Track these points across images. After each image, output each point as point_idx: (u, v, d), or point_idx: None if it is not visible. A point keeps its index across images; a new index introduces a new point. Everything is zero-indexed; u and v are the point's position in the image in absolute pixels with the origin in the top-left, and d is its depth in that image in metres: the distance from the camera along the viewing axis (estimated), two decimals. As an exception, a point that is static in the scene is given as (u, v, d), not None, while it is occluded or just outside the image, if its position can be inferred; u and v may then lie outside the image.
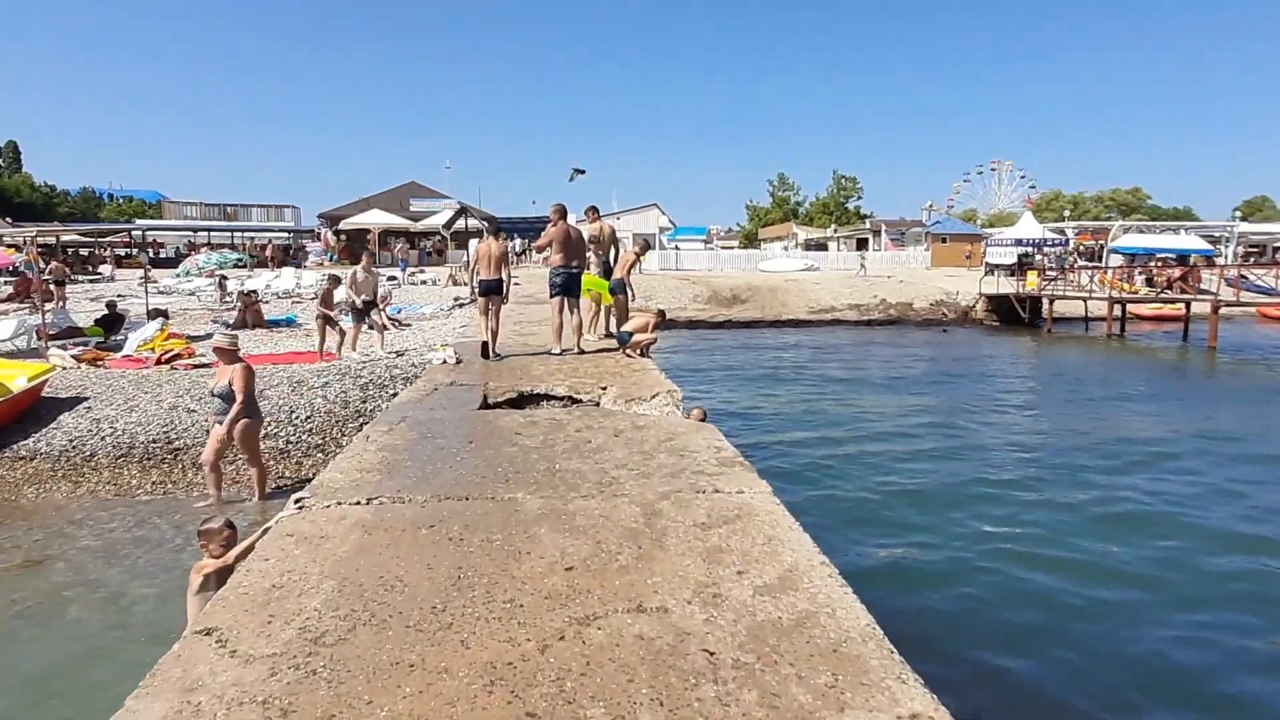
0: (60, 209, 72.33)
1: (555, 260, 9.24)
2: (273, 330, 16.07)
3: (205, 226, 51.16)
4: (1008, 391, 17.15)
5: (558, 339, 9.32)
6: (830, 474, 10.47)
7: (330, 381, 9.71)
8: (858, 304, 34.57)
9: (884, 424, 13.57)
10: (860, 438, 12.54)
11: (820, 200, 79.81)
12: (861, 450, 11.70)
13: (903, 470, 10.62)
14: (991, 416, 14.43)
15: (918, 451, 11.65)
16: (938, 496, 9.50)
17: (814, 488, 9.79)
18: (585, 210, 11.38)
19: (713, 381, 17.99)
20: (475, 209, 45.29)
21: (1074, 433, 12.98)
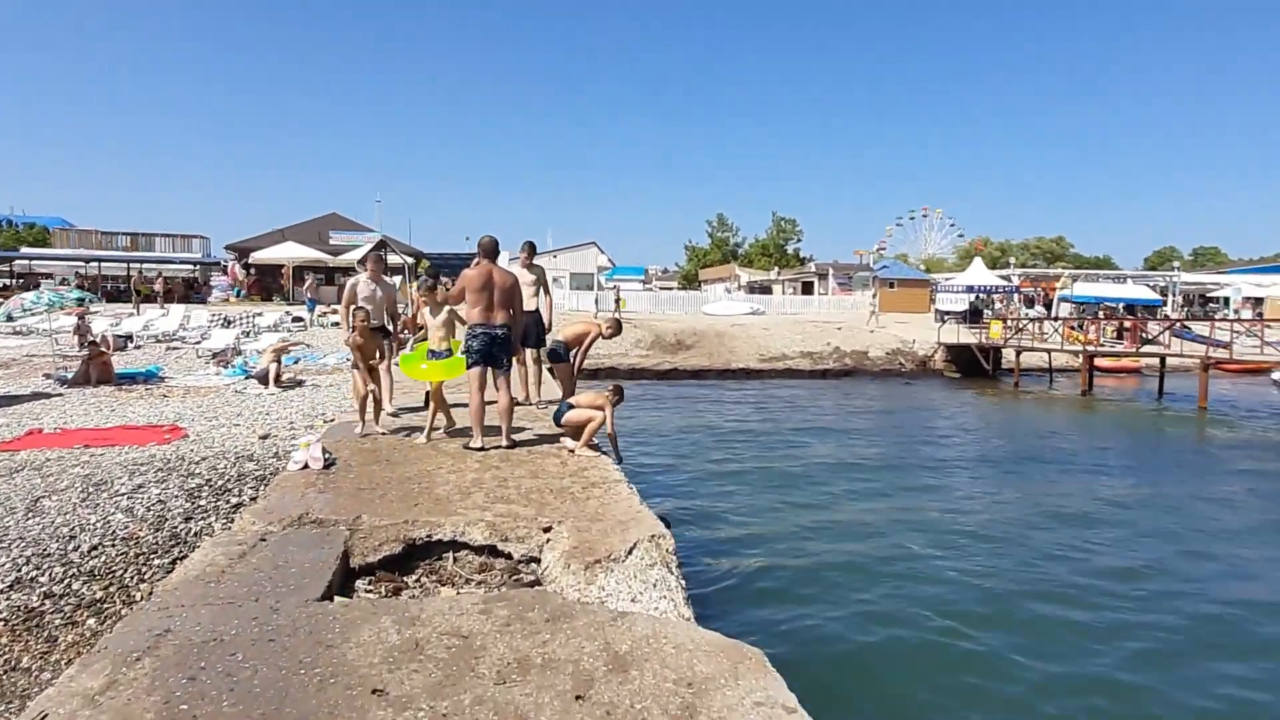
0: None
1: (473, 315, 6.64)
2: (122, 388, 12.77)
3: (97, 257, 46.44)
4: (1002, 460, 14.95)
5: (478, 427, 6.56)
6: (826, 577, 7.92)
7: (147, 483, 6.68)
8: (810, 352, 32.59)
9: (866, 505, 11.15)
10: (847, 528, 10.06)
11: (760, 242, 78.96)
12: (855, 553, 9.20)
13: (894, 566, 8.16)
14: (988, 493, 12.15)
15: (909, 551, 9.20)
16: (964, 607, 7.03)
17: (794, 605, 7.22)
18: (521, 247, 8.78)
19: (671, 452, 15.34)
20: (398, 243, 42.14)
21: (1103, 518, 10.75)
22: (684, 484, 12.63)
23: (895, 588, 8.31)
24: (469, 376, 6.66)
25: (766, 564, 8.95)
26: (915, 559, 9.20)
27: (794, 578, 8.57)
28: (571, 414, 6.54)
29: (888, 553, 9.41)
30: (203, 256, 49.60)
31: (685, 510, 10.96)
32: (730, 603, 7.76)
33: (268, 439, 8.09)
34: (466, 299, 6.62)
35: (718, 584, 8.26)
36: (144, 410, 10.57)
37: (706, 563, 8.80)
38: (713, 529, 10.23)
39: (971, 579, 8.56)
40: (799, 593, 8.14)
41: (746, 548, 9.48)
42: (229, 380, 13.82)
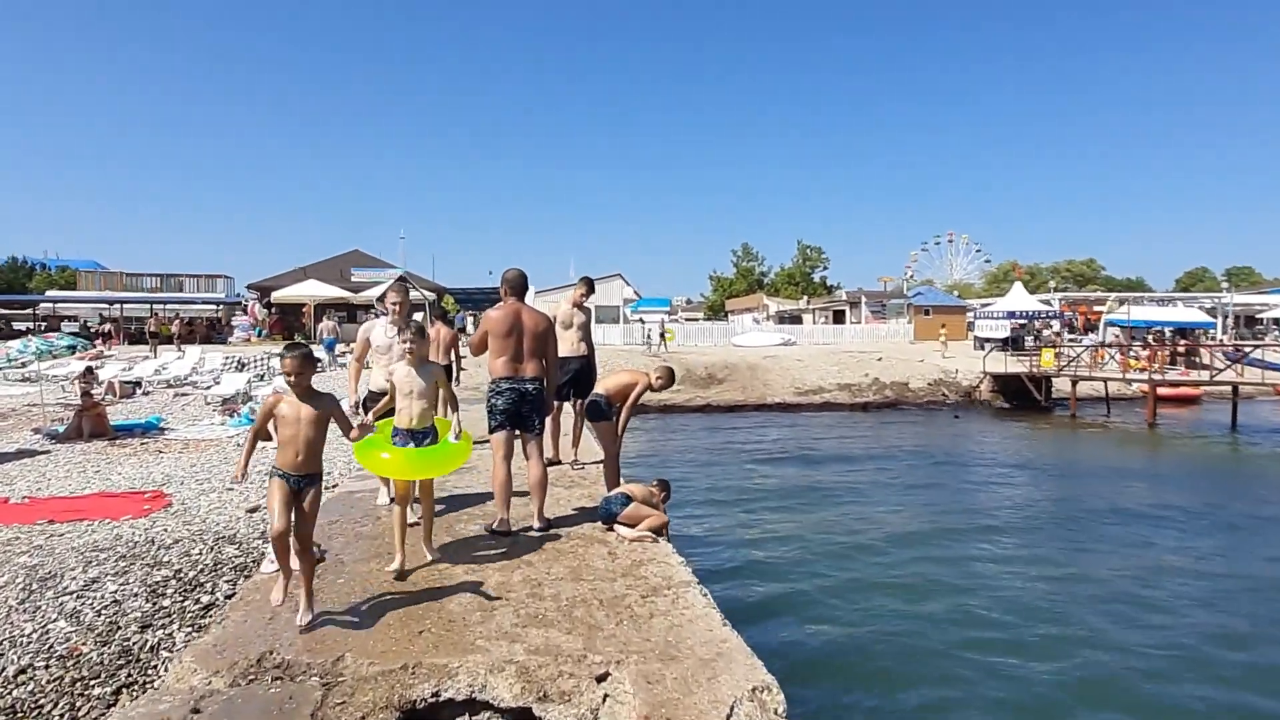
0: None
1: (497, 367, 5.40)
2: (116, 443, 11.68)
3: (120, 299, 46.14)
4: (1085, 511, 13.39)
5: (504, 506, 5.29)
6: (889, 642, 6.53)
7: (104, 576, 5.47)
8: (849, 384, 31.13)
9: (936, 570, 9.71)
10: (920, 598, 8.64)
11: (786, 270, 77.68)
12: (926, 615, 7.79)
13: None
14: (1077, 550, 10.66)
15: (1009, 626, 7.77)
16: None
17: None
18: (578, 283, 7.56)
19: (708, 498, 13.99)
20: (419, 279, 41.41)
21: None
22: (727, 538, 11.28)
23: (977, 683, 6.89)
24: (492, 443, 5.40)
25: (838, 637, 7.58)
26: (1007, 643, 7.77)
27: (869, 656, 7.18)
28: (629, 511, 5.24)
29: (975, 633, 7.99)
30: (226, 296, 49.31)
31: (737, 571, 9.60)
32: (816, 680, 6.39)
33: (256, 512, 6.88)
34: (490, 346, 5.39)
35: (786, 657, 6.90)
36: (132, 471, 9.43)
37: (773, 632, 7.44)
38: (768, 593, 8.86)
39: (1071, 671, 7.12)
40: (882, 674, 6.76)
41: (816, 620, 8.10)
42: (234, 430, 12.72)
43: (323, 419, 3.99)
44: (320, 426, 3.99)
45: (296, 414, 3.90)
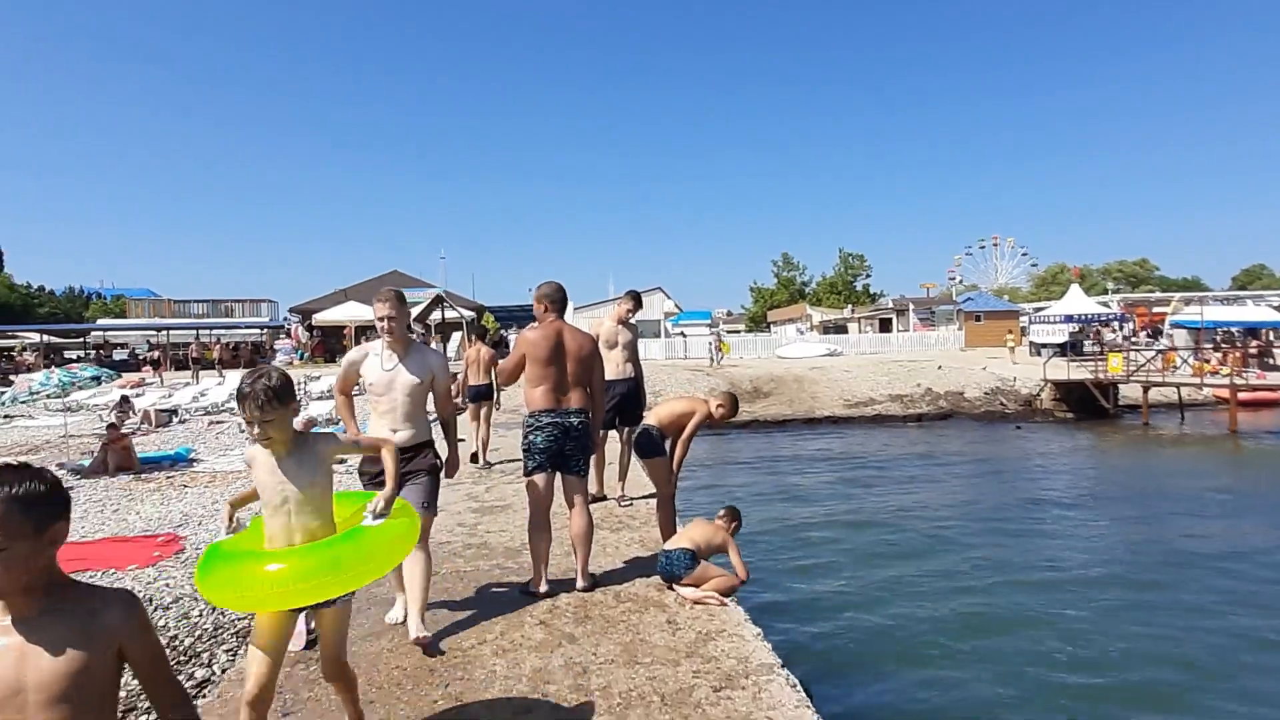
0: (40, 309, 69.35)
1: (535, 398, 4.58)
2: (142, 477, 11.21)
3: (166, 325, 46.75)
4: (1197, 545, 12.21)
5: (542, 561, 4.52)
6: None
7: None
8: (900, 395, 29.90)
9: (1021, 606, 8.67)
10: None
11: (827, 279, 76.27)
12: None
13: None
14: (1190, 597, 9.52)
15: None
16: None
17: None
18: (623, 297, 6.80)
19: (758, 518, 13.07)
20: (459, 298, 41.15)
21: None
22: (778, 561, 10.35)
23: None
24: (529, 486, 4.60)
25: (899, 673, 6.63)
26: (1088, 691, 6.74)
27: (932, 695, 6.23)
28: (696, 574, 4.40)
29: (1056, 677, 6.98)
30: (270, 320, 49.68)
31: (799, 603, 8.68)
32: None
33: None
34: (527, 373, 4.58)
35: None
36: (151, 510, 8.89)
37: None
38: (823, 629, 7.93)
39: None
40: None
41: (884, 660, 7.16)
42: (264, 461, 12.18)
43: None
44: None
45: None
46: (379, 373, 4.00)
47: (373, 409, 4.08)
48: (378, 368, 4.02)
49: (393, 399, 3.97)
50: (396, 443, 3.41)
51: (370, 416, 4.15)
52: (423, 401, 4.07)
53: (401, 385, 3.95)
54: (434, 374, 4.05)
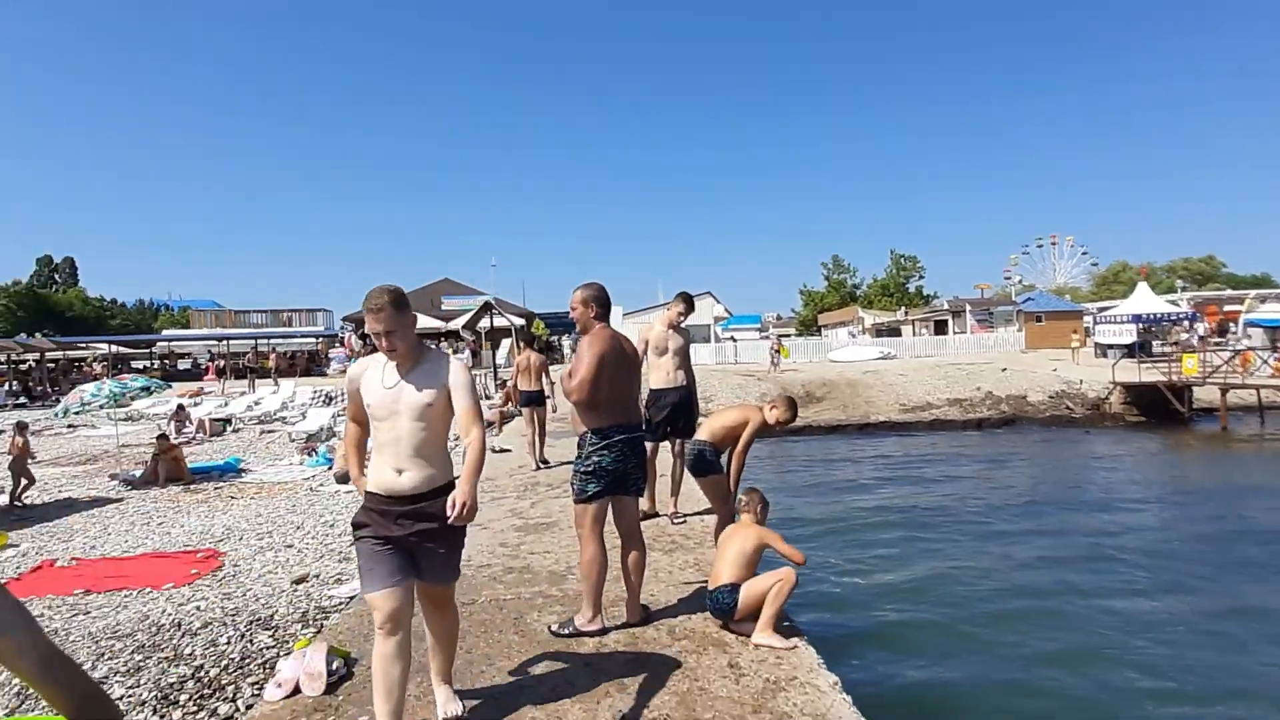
0: (112, 322, 71.79)
1: (604, 413, 4.02)
2: (191, 487, 11.17)
3: (226, 335, 47.84)
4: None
5: (595, 600, 4.04)
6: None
7: (113, 675, 4.54)
8: (959, 399, 28.90)
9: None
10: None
11: (879, 281, 74.74)
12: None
13: None
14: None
15: None
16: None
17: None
18: (674, 300, 6.37)
19: (814, 531, 12.51)
20: (509, 304, 41.19)
21: None
22: (837, 578, 9.81)
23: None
24: (586, 513, 3.99)
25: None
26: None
27: None
28: (746, 601, 3.95)
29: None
30: (325, 329, 50.43)
31: (853, 626, 8.14)
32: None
33: (303, 584, 5.94)
34: (579, 384, 3.92)
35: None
36: (195, 523, 8.77)
37: None
38: (888, 656, 7.38)
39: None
40: None
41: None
42: (311, 471, 12.12)
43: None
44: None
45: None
46: (379, 391, 2.99)
47: (373, 440, 3.06)
48: (377, 384, 3.00)
49: (396, 427, 2.94)
50: (402, 489, 2.87)
51: (371, 452, 3.10)
52: (440, 427, 3.00)
53: (408, 407, 2.93)
54: (451, 389, 2.97)
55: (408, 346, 2.97)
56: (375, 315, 2.89)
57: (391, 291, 2.94)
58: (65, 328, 58.37)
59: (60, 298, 70.31)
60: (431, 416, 2.95)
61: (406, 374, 2.97)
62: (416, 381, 2.96)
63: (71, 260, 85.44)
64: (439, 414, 2.97)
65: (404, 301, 2.98)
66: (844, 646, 6.95)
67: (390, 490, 2.91)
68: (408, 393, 2.94)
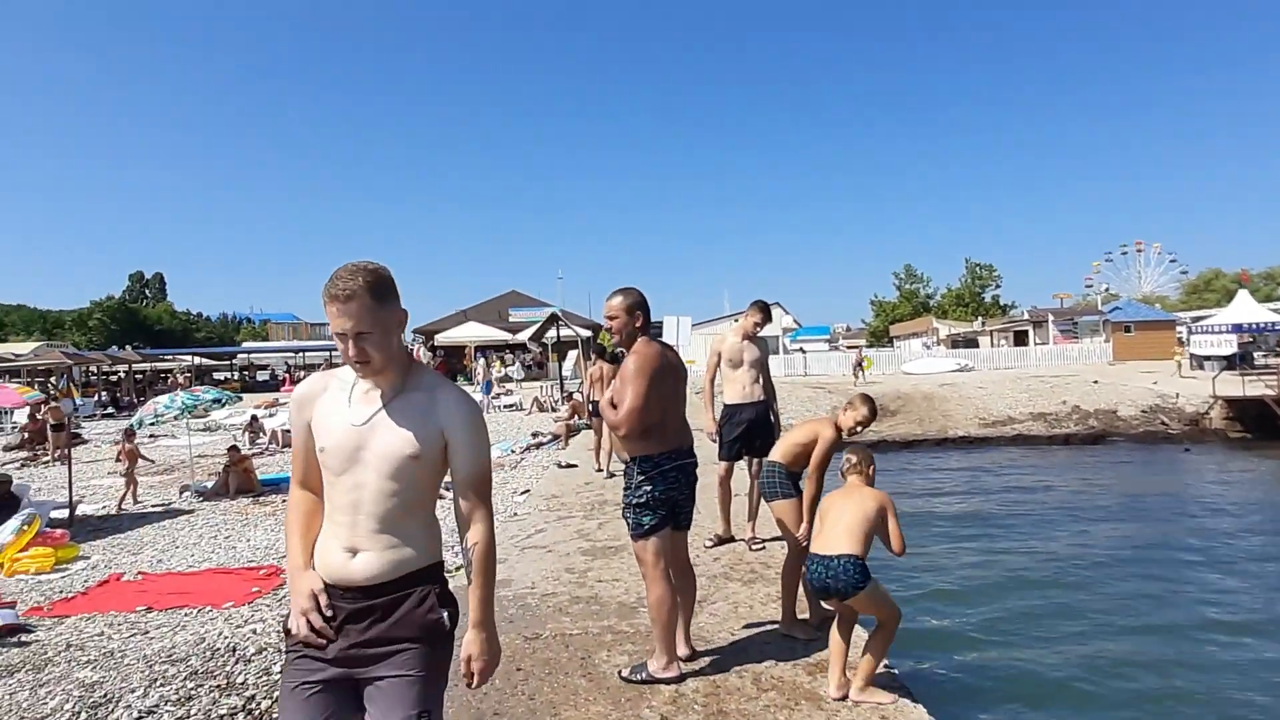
0: (198, 334, 75.02)
1: (655, 439, 3.59)
2: (260, 500, 11.18)
3: (301, 347, 49.31)
4: None
5: (668, 642, 3.57)
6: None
7: (163, 704, 4.33)
8: (1043, 413, 27.60)
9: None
10: None
11: (953, 291, 72.66)
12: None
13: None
14: None
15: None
16: None
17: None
18: (749, 309, 5.93)
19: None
20: (576, 316, 41.19)
21: None
22: (919, 600, 9.15)
23: None
24: (639, 551, 3.61)
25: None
26: None
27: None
28: (865, 596, 3.41)
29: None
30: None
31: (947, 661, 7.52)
32: None
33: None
34: (626, 415, 3.49)
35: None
36: (261, 537, 8.69)
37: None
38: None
39: None
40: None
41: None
42: (377, 484, 12.01)
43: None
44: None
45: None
46: (340, 428, 1.96)
47: (327, 498, 1.99)
48: (338, 417, 1.97)
49: (358, 485, 1.93)
50: (353, 577, 1.90)
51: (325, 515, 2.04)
52: (425, 492, 2.00)
53: (380, 456, 1.93)
54: (450, 435, 1.98)
55: (387, 359, 1.93)
56: (342, 307, 1.88)
57: (369, 273, 1.90)
58: (154, 340, 61.09)
59: (150, 312, 73.65)
60: (415, 475, 1.93)
61: (386, 404, 1.95)
62: (399, 416, 1.93)
63: (161, 276, 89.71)
64: (428, 472, 1.96)
65: (387, 289, 1.94)
66: (950, 698, 6.35)
67: (338, 579, 1.92)
68: (383, 433, 1.91)
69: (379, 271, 1.94)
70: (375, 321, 1.88)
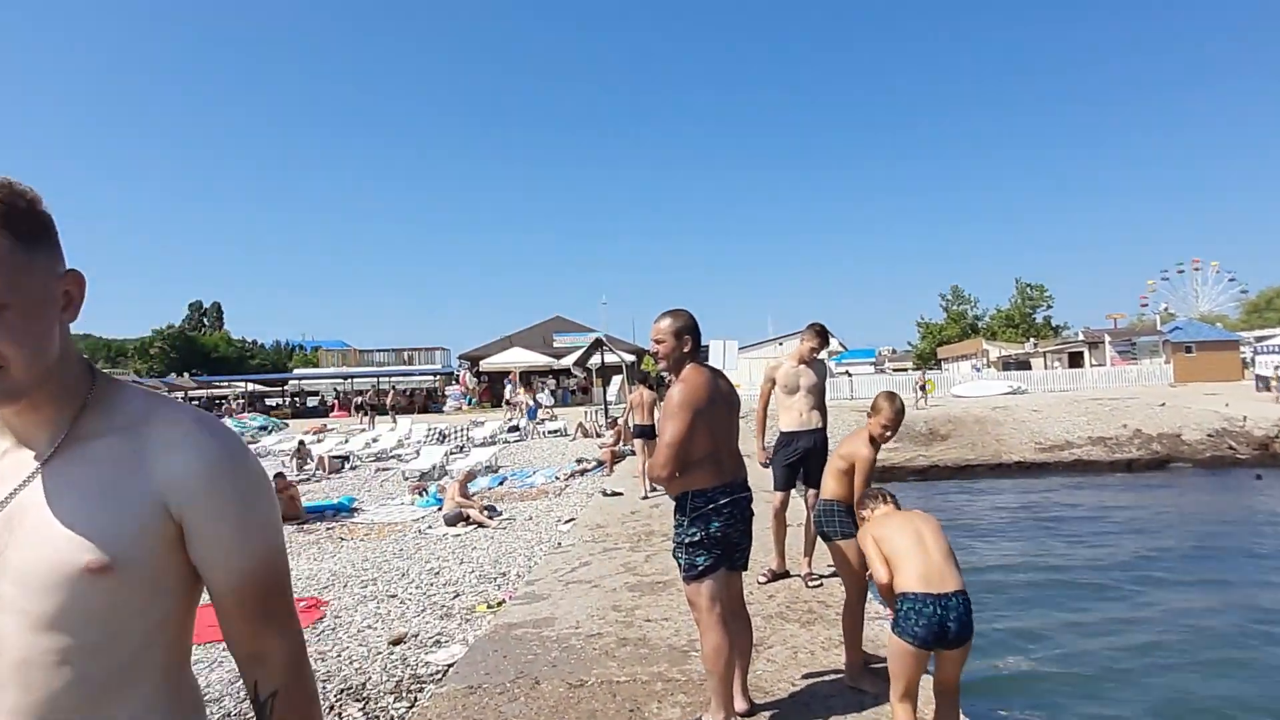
0: (252, 361, 76.72)
1: (707, 472, 3.28)
2: (304, 527, 11.16)
3: (350, 374, 49.97)
4: None
5: (724, 696, 3.27)
6: None
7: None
8: (1103, 437, 26.62)
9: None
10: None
11: (1003, 312, 71.09)
12: None
13: None
14: None
15: None
16: None
17: None
18: (806, 332, 5.66)
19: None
20: (619, 341, 41.13)
21: None
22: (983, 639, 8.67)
23: None
24: (692, 595, 3.31)
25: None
26: None
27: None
28: None
29: None
30: (442, 367, 51.91)
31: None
32: None
33: (400, 644, 5.51)
34: (664, 459, 3.21)
35: None
36: (304, 566, 8.60)
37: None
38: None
39: None
40: None
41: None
42: (421, 511, 11.95)
43: None
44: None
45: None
46: None
47: None
48: None
49: None
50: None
51: None
52: (143, 639, 1.03)
53: (18, 582, 0.96)
54: (177, 513, 1.02)
55: (37, 369, 0.98)
56: None
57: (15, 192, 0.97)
58: (212, 367, 62.54)
59: (208, 339, 75.54)
60: (110, 609, 0.99)
61: (40, 468, 1.01)
62: (66, 489, 1.00)
63: (218, 304, 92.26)
64: (140, 596, 1.01)
65: (36, 225, 0.99)
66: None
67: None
68: (28, 531, 0.98)
69: (22, 193, 0.98)
70: (11, 283, 0.94)
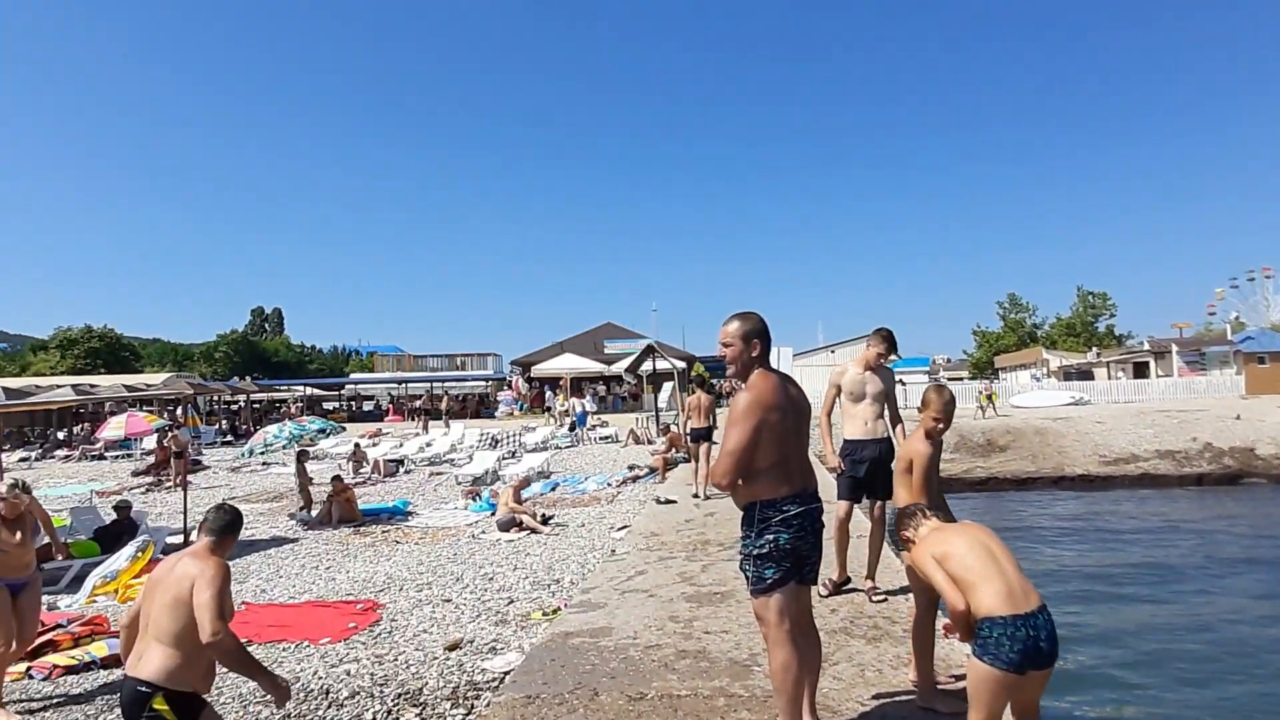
0: (311, 366, 78.69)
1: (773, 481, 3.12)
2: (361, 530, 11.29)
3: (404, 379, 50.79)
4: None
5: (794, 716, 3.11)
6: None
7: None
8: (1170, 450, 25.64)
9: None
10: None
11: (1064, 320, 69.01)
12: None
13: None
14: None
15: None
16: None
17: None
18: (872, 338, 5.53)
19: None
20: (670, 348, 41.03)
21: None
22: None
23: None
24: (760, 609, 3.16)
25: None
26: None
27: None
28: None
29: None
30: (494, 373, 52.37)
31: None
32: None
33: (456, 650, 5.49)
34: (728, 465, 3.08)
35: None
36: (360, 569, 8.69)
37: None
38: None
39: None
40: None
41: None
42: (474, 516, 12.00)
43: None
44: None
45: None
46: None
47: None
48: None
49: None
50: None
51: None
52: None
53: None
54: None
55: None
56: None
57: None
58: (272, 372, 64.27)
59: (269, 344, 77.66)
60: None
61: None
62: None
63: (279, 310, 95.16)
64: None
65: None
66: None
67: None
68: None
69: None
70: None
